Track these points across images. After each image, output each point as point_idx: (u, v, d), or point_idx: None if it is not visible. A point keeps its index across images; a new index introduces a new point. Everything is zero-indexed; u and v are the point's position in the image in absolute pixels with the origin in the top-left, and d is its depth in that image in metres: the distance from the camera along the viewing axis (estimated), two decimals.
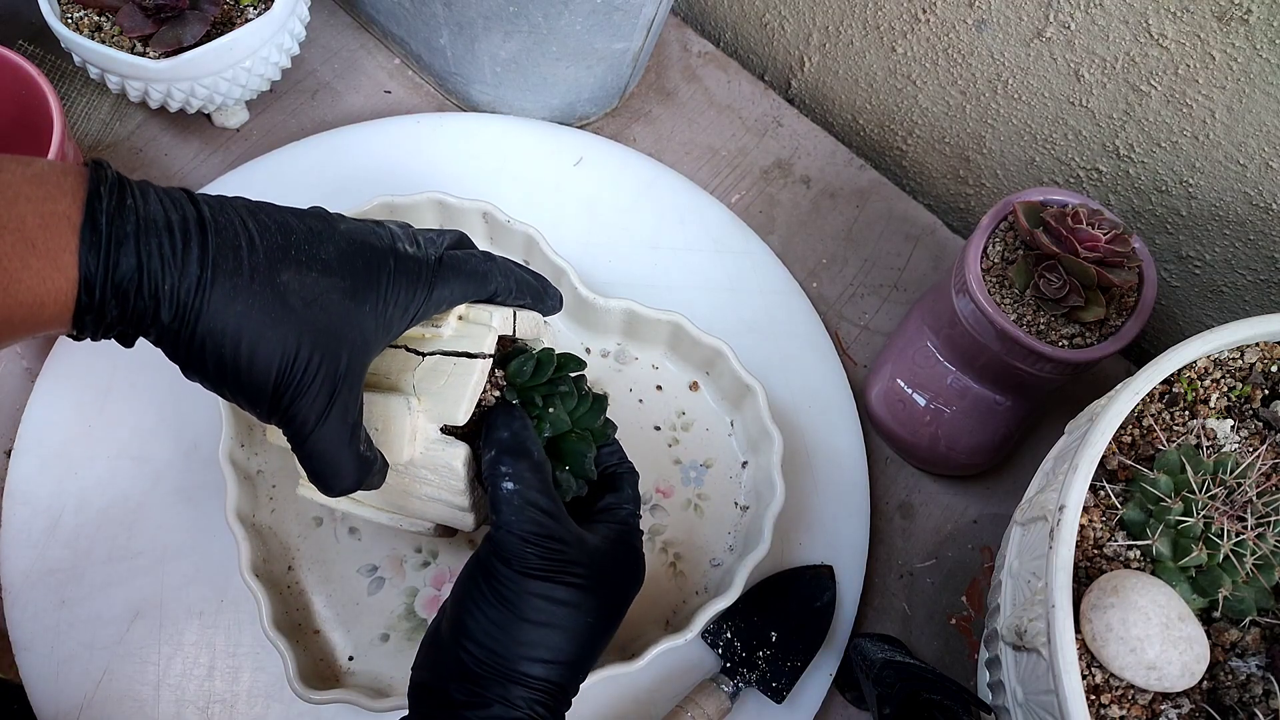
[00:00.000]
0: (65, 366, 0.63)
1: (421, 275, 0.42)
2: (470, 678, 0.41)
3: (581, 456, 0.48)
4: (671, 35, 0.81)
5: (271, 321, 0.37)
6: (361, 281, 0.40)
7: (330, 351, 0.39)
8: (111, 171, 0.36)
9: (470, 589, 0.43)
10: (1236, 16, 0.53)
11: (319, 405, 0.39)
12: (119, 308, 0.36)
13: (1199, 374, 0.49)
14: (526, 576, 0.42)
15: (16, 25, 0.73)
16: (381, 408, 0.45)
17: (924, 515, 0.66)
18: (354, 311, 0.39)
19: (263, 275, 0.37)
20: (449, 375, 0.45)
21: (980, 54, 0.67)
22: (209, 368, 0.37)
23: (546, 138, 0.73)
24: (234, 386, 0.38)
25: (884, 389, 0.65)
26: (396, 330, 0.42)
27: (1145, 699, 0.43)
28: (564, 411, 0.48)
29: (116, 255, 0.35)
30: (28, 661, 0.57)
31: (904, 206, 0.76)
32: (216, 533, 0.59)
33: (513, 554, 0.42)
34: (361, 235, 0.42)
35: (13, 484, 0.60)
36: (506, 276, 0.47)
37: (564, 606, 0.42)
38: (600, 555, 0.44)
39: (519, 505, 0.43)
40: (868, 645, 0.58)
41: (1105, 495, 0.47)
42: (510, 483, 0.43)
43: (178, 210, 0.37)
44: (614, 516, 0.48)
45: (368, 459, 0.42)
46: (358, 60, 0.77)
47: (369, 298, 0.40)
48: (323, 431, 0.40)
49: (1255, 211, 0.60)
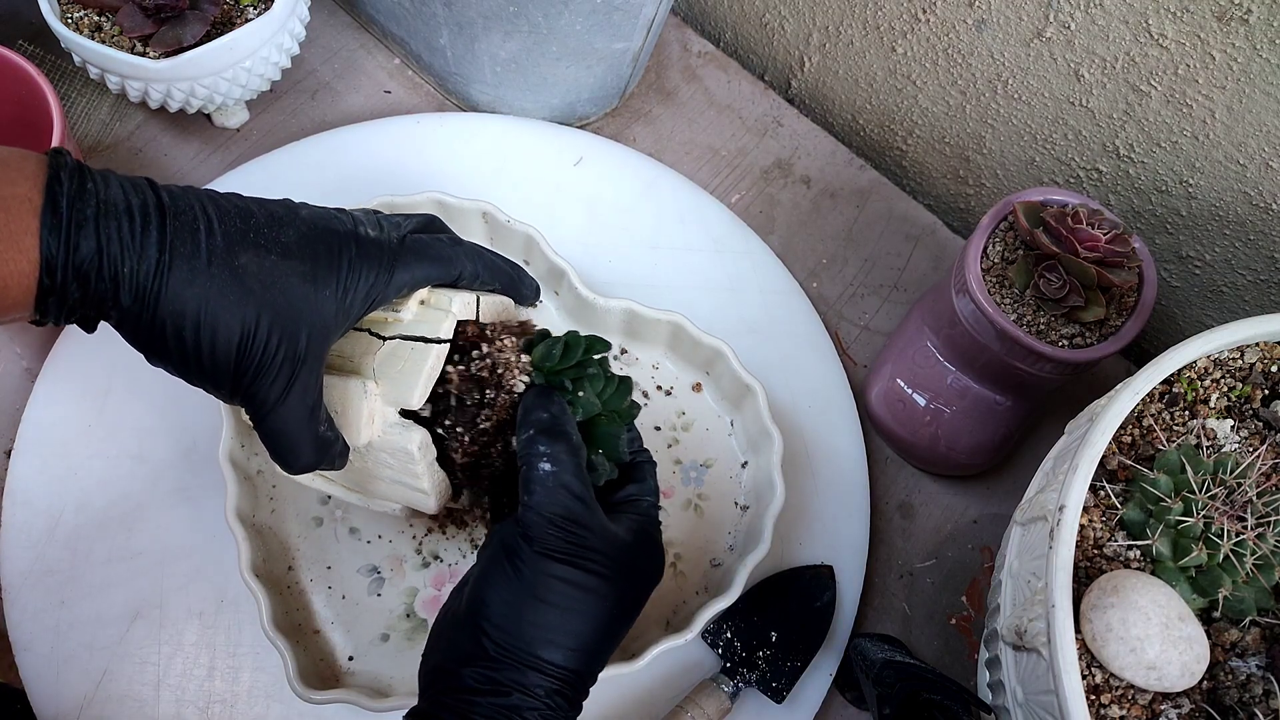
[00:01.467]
0: (65, 367, 0.63)
1: (383, 258, 0.43)
2: (487, 662, 0.41)
3: (615, 439, 0.48)
4: (671, 35, 0.81)
5: (230, 303, 0.38)
6: (321, 264, 0.41)
7: (289, 332, 0.39)
8: (71, 158, 0.37)
9: (491, 567, 0.43)
10: (1236, 16, 0.53)
11: (279, 385, 0.40)
12: (80, 290, 0.36)
13: (1199, 374, 0.49)
14: (548, 558, 0.42)
15: (16, 25, 0.73)
16: (340, 390, 0.45)
17: (924, 515, 0.66)
18: (313, 294, 0.40)
19: (221, 258, 0.38)
20: (406, 360, 0.45)
21: (980, 54, 0.67)
22: (170, 350, 0.38)
23: (546, 138, 0.73)
24: (196, 368, 0.39)
25: (884, 389, 0.65)
26: (357, 313, 0.42)
27: (1145, 699, 0.43)
28: (593, 394, 0.48)
29: (77, 238, 0.35)
30: (28, 662, 0.57)
31: (904, 206, 0.76)
32: (216, 533, 0.59)
33: (537, 535, 0.42)
34: (323, 220, 0.42)
35: (12, 484, 0.60)
36: (474, 261, 0.47)
37: (584, 592, 0.42)
38: (623, 546, 0.44)
39: (552, 487, 0.43)
40: (868, 645, 0.58)
41: (1105, 495, 0.47)
42: (548, 464, 0.43)
43: (138, 195, 0.37)
44: (636, 508, 0.47)
45: (327, 439, 0.43)
46: (358, 60, 0.77)
47: (329, 280, 0.41)
48: (283, 410, 0.40)
49: (1255, 211, 0.60)
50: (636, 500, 0.48)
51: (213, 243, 0.38)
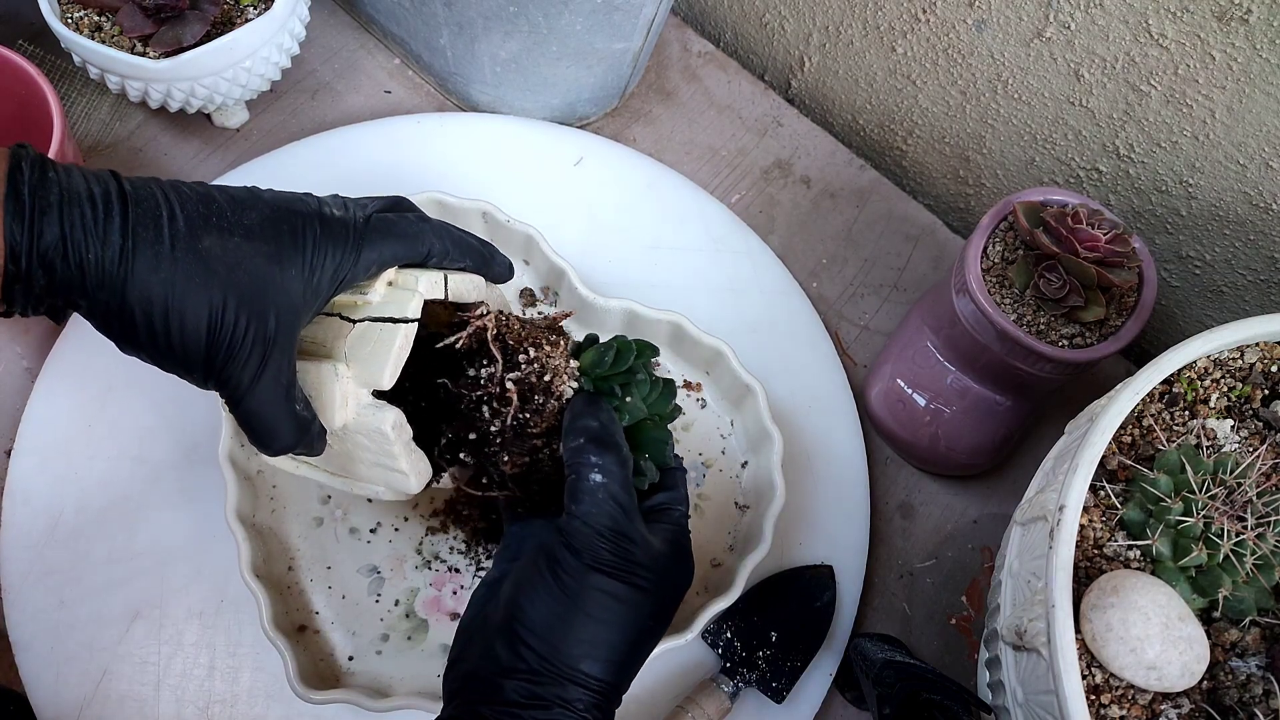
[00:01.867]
0: (65, 366, 0.63)
1: (348, 237, 0.43)
2: (528, 674, 0.40)
3: (663, 445, 0.48)
4: (671, 35, 0.81)
5: (196, 286, 0.38)
6: (286, 244, 0.41)
7: (258, 313, 0.39)
8: (33, 150, 0.38)
9: (533, 575, 0.42)
10: (1236, 16, 0.53)
11: (251, 366, 0.40)
12: (46, 278, 0.37)
13: (1199, 374, 0.49)
14: (594, 570, 0.41)
15: (16, 25, 0.73)
16: (314, 375, 0.45)
17: (924, 515, 0.66)
18: (279, 274, 0.40)
19: (184, 242, 0.38)
20: (375, 341, 0.45)
21: (980, 54, 0.67)
22: (141, 337, 0.38)
23: (547, 138, 0.73)
24: (168, 354, 0.39)
25: (884, 389, 0.65)
26: (326, 293, 0.43)
27: (1145, 699, 0.43)
28: (640, 399, 0.48)
29: (40, 224, 0.36)
30: (28, 662, 0.57)
31: (904, 206, 0.76)
32: (216, 533, 0.59)
33: (584, 546, 0.42)
34: (286, 201, 0.42)
35: (13, 484, 0.60)
36: (442, 238, 0.47)
37: (625, 605, 0.41)
38: (662, 558, 0.44)
39: (602, 499, 0.42)
40: (868, 645, 0.58)
41: (1105, 495, 0.47)
42: (599, 475, 0.43)
43: (100, 184, 0.38)
44: (669, 517, 0.47)
45: (305, 419, 0.43)
46: (358, 60, 0.77)
47: (294, 260, 0.41)
48: (257, 392, 0.40)
49: (1255, 211, 0.60)
50: (669, 509, 0.47)
51: (175, 227, 0.38)
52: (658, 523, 0.46)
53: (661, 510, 0.47)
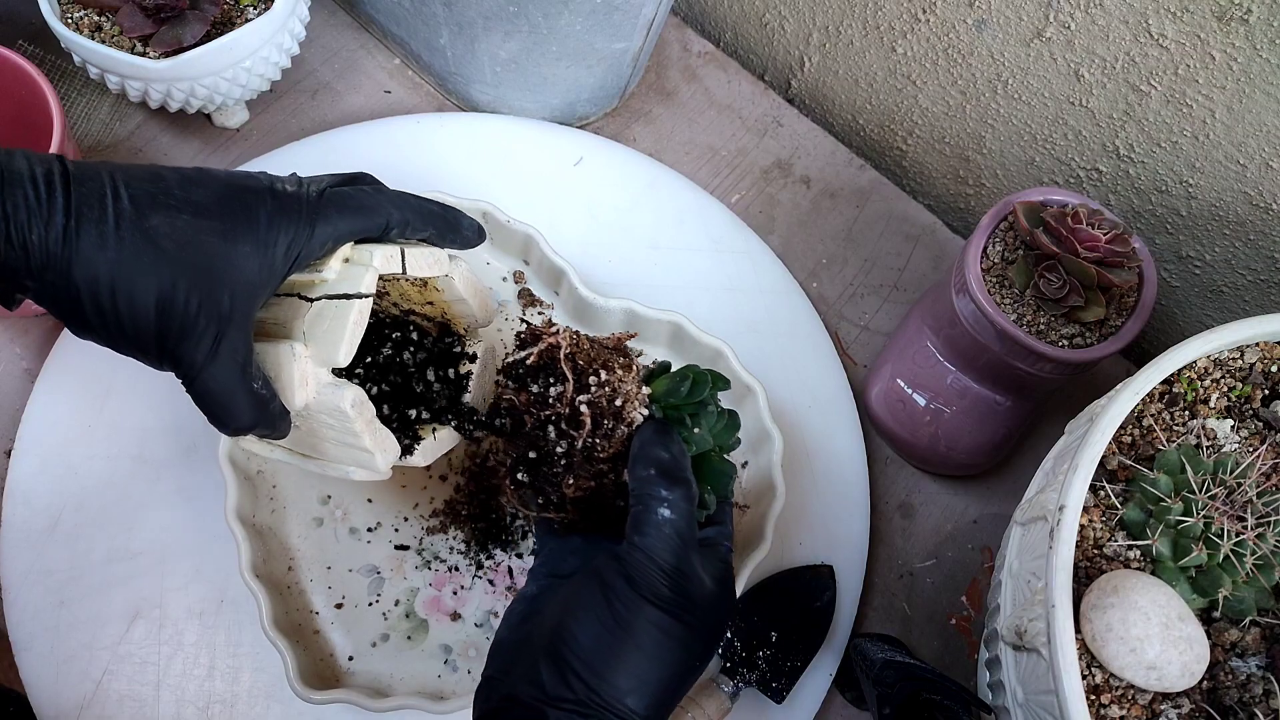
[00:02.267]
0: (65, 366, 0.63)
1: (301, 212, 0.42)
2: (574, 704, 0.39)
3: (728, 478, 0.48)
4: (671, 35, 0.81)
5: (145, 266, 0.38)
6: (238, 221, 0.40)
7: (209, 292, 0.39)
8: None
9: (586, 599, 0.41)
10: (1236, 16, 0.53)
11: (205, 345, 0.39)
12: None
13: (1199, 374, 0.49)
14: (650, 604, 0.40)
15: (16, 25, 0.73)
16: (272, 355, 0.45)
17: (924, 515, 0.66)
18: (231, 251, 0.40)
19: (130, 221, 0.38)
20: (331, 318, 0.45)
21: (980, 54, 0.67)
22: (90, 318, 0.38)
23: (546, 138, 0.73)
24: (119, 335, 0.39)
25: (884, 389, 0.65)
26: (281, 270, 0.42)
27: (1145, 699, 0.43)
28: (708, 430, 0.47)
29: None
30: (27, 662, 0.57)
31: (904, 206, 0.76)
32: (216, 533, 0.59)
33: (643, 580, 0.40)
34: (238, 179, 0.42)
35: (12, 484, 0.60)
36: (400, 208, 0.46)
37: (675, 642, 0.40)
38: (712, 597, 0.42)
39: (669, 534, 0.41)
40: (868, 645, 0.58)
41: (1105, 495, 0.47)
42: (667, 510, 0.42)
43: (43, 165, 0.38)
44: (718, 553, 0.46)
45: (263, 397, 0.42)
46: (358, 60, 0.77)
47: (247, 237, 0.40)
48: (212, 371, 0.40)
49: (1255, 211, 0.60)
50: (717, 544, 0.46)
51: (120, 206, 0.38)
52: (706, 559, 0.45)
53: (711, 545, 0.46)
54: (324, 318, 0.45)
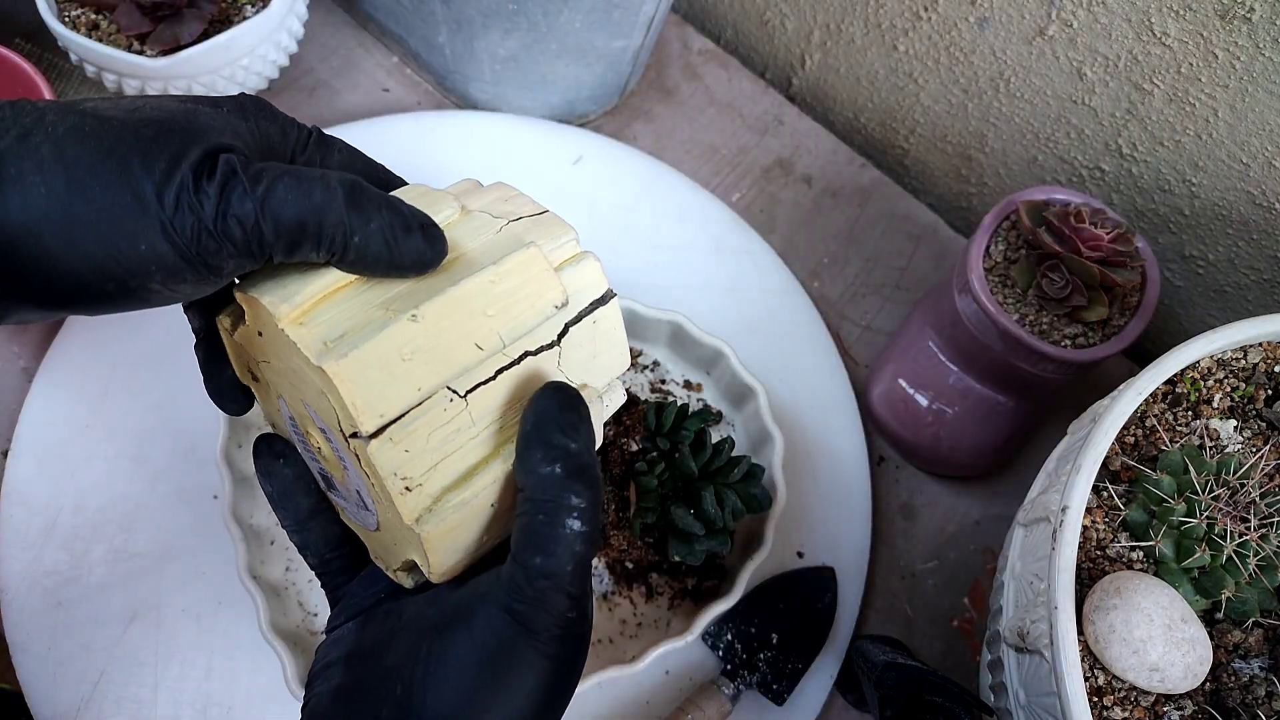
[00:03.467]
0: (63, 366, 0.63)
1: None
2: None
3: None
4: (672, 33, 0.81)
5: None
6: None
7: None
8: None
9: (448, 651, 0.32)
10: (1239, 15, 0.52)
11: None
12: None
13: (1202, 374, 0.49)
14: (555, 639, 0.32)
15: (13, 23, 0.73)
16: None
17: (926, 516, 0.66)
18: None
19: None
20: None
21: (982, 52, 0.66)
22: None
23: (546, 136, 0.73)
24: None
25: (886, 389, 0.65)
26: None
27: (1148, 701, 0.43)
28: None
29: None
30: (25, 663, 0.57)
31: (906, 205, 0.75)
32: (214, 534, 0.58)
33: (550, 612, 0.31)
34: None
35: (10, 485, 0.60)
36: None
37: (571, 671, 0.33)
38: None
39: (581, 553, 0.32)
40: (869, 647, 0.58)
41: (1108, 496, 0.46)
42: (578, 521, 0.31)
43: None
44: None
45: None
46: (356, 58, 0.77)
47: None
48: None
49: (1259, 210, 0.60)
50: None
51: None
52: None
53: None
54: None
